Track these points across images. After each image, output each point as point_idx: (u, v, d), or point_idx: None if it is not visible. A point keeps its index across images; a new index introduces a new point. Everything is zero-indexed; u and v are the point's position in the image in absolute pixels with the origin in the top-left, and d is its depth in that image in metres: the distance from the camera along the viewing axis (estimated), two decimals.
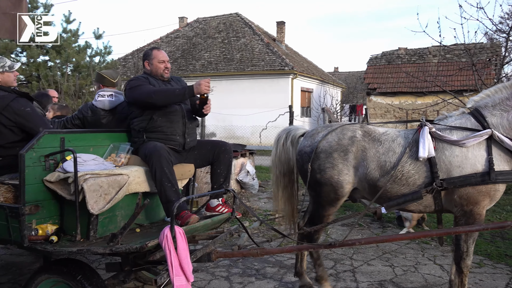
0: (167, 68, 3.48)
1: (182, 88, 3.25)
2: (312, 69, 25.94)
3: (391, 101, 17.94)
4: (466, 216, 3.24)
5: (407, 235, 3.23)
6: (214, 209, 3.53)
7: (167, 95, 3.23)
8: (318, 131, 3.69)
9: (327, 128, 3.67)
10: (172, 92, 3.24)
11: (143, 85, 3.29)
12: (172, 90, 3.27)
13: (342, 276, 4.30)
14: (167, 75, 3.48)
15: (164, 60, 3.46)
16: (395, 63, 19.30)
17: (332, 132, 3.56)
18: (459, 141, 3.18)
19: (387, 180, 3.29)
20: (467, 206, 3.21)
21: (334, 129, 3.59)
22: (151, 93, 3.22)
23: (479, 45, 11.75)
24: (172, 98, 3.25)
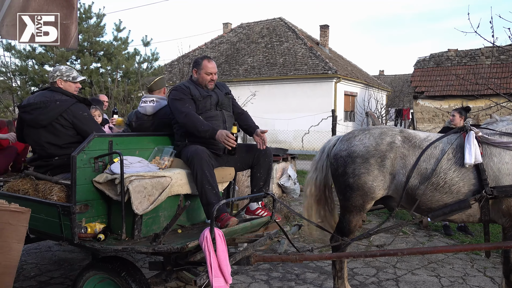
0: (212, 80, 3.54)
1: (207, 128, 3.25)
2: (356, 72, 25.47)
3: (439, 105, 17.22)
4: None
5: (454, 248, 3.08)
6: (253, 213, 3.56)
7: (192, 125, 3.28)
8: (355, 134, 3.59)
9: (364, 132, 3.57)
10: (197, 125, 3.26)
11: (182, 100, 3.38)
12: (199, 123, 3.28)
13: (384, 285, 4.19)
14: (211, 87, 3.55)
15: (212, 73, 3.53)
16: (444, 65, 18.52)
17: (370, 136, 3.46)
18: (509, 144, 3.00)
19: (427, 188, 3.18)
20: None
21: (372, 133, 3.50)
22: (183, 115, 3.31)
23: None
24: (194, 130, 3.29)
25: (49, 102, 3.32)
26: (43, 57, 13.00)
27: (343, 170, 3.50)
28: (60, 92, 3.43)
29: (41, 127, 3.31)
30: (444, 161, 3.17)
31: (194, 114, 3.33)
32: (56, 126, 3.29)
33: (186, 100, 3.40)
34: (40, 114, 3.29)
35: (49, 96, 3.39)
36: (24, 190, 3.27)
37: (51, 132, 3.31)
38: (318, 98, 20.47)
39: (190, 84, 3.53)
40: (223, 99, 3.60)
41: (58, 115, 3.28)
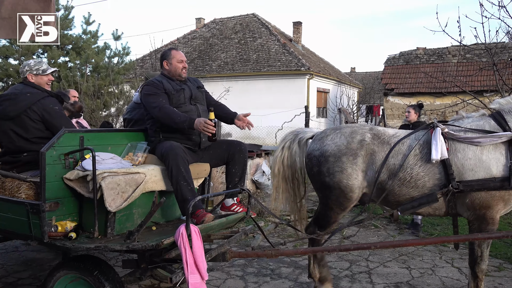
0: (185, 67, 3.53)
1: (184, 119, 3.21)
2: (329, 69, 25.78)
3: (409, 101, 17.64)
4: (479, 220, 3.17)
5: (425, 241, 3.18)
6: (229, 209, 3.55)
7: (168, 117, 3.24)
8: (327, 133, 3.63)
9: (336, 131, 3.62)
10: (174, 117, 3.22)
11: (155, 95, 3.33)
12: (175, 114, 3.24)
13: (357, 278, 4.27)
14: (184, 75, 3.53)
15: (183, 60, 3.52)
16: (413, 63, 19.02)
17: (341, 135, 3.51)
18: (473, 139, 3.11)
19: (395, 183, 3.26)
20: (480, 210, 3.15)
21: (343, 132, 3.55)
22: (156, 109, 3.26)
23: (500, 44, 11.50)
24: (171, 122, 3.25)
25: (20, 94, 3.27)
26: (7, 50, 12.49)
27: (318, 169, 3.53)
28: (32, 86, 3.38)
29: (9, 119, 3.22)
30: (411, 157, 3.26)
31: (168, 107, 3.29)
32: (25, 118, 3.20)
33: (159, 95, 3.34)
34: (9, 106, 3.22)
35: (20, 88, 3.35)
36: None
37: (19, 125, 3.22)
38: (291, 94, 20.59)
39: (163, 79, 3.48)
40: (196, 93, 3.58)
41: (27, 107, 3.20)
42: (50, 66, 3.56)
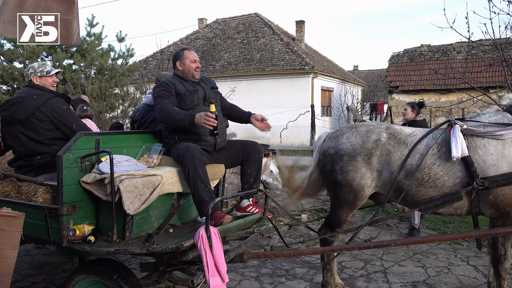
0: (198, 67, 3.50)
1: (184, 115, 3.16)
2: (332, 68, 25.72)
3: (414, 99, 17.59)
4: (503, 217, 3.13)
5: (446, 236, 3.14)
6: (245, 210, 3.52)
7: (168, 116, 3.19)
8: (343, 132, 3.61)
9: (351, 130, 3.59)
10: (174, 116, 3.18)
11: (162, 97, 3.28)
12: (175, 113, 3.19)
13: (373, 277, 4.24)
14: (198, 75, 3.49)
15: (196, 60, 3.49)
16: (417, 60, 18.95)
17: (357, 134, 3.48)
18: (494, 132, 3.08)
19: (412, 183, 3.22)
20: (504, 207, 3.10)
21: (359, 131, 3.52)
22: (158, 111, 3.23)
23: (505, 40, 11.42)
24: (172, 122, 3.22)
25: (26, 97, 3.26)
26: (12, 54, 12.50)
27: (331, 167, 3.52)
28: (37, 88, 3.38)
29: (18, 123, 3.22)
30: (428, 156, 3.22)
31: (168, 107, 3.22)
32: (34, 121, 3.20)
33: (167, 97, 3.29)
34: (16, 109, 3.21)
35: (26, 92, 3.35)
36: (5, 193, 3.13)
37: (29, 128, 3.21)
38: (295, 93, 20.56)
39: (175, 80, 3.45)
40: (210, 93, 3.54)
41: (35, 109, 3.19)
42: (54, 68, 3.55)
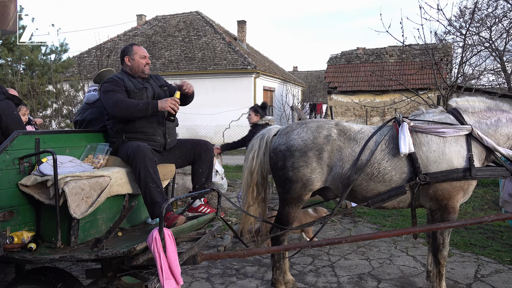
0: (148, 64, 3.37)
1: (145, 104, 3.08)
2: (274, 68, 26.11)
3: (351, 99, 18.41)
4: (441, 210, 3.35)
5: (394, 232, 3.29)
6: (196, 210, 3.45)
7: (127, 108, 3.07)
8: (293, 128, 3.65)
9: (302, 126, 3.65)
10: (133, 106, 3.08)
11: (113, 91, 3.14)
12: (133, 103, 3.09)
13: (322, 272, 4.35)
14: (147, 71, 3.37)
15: (145, 56, 3.36)
16: (354, 63, 19.83)
17: (308, 129, 3.55)
18: (438, 129, 3.28)
19: (363, 178, 3.35)
20: (442, 200, 3.32)
21: (310, 126, 3.59)
22: (113, 105, 3.08)
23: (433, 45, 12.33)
24: (133, 113, 3.10)
25: None
26: None
27: (282, 163, 3.55)
28: None
29: None
30: (378, 152, 3.36)
31: (124, 99, 3.11)
32: None
33: (118, 91, 3.15)
34: None
35: None
36: None
37: None
38: (238, 93, 20.61)
39: (124, 76, 3.30)
40: (159, 92, 3.43)
41: None
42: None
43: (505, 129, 3.38)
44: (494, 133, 3.34)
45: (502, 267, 4.41)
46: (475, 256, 4.76)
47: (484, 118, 3.42)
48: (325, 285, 4.02)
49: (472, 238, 5.42)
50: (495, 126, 3.38)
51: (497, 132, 3.35)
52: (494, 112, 3.46)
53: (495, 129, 3.37)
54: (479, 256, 4.74)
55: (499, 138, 3.35)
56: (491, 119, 3.41)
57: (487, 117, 3.43)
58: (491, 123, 3.39)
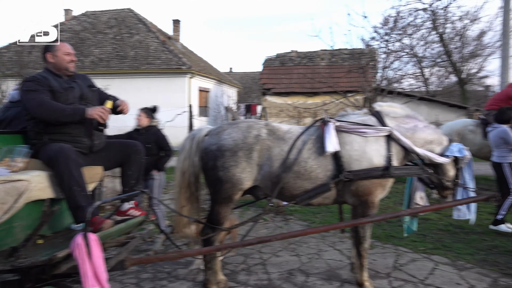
0: (73, 61, 3.23)
1: (72, 110, 2.99)
2: (209, 69, 26.02)
3: (284, 101, 18.91)
4: (362, 205, 3.59)
5: (320, 228, 3.48)
6: (125, 213, 3.37)
7: (53, 112, 2.96)
8: (224, 128, 3.71)
9: (232, 126, 3.72)
10: (60, 111, 2.96)
11: (36, 91, 2.98)
12: (60, 107, 2.98)
13: (253, 270, 4.45)
14: (72, 68, 3.22)
15: (70, 53, 3.22)
16: (288, 65, 20.38)
17: (238, 129, 3.62)
18: (360, 129, 3.52)
19: (290, 177, 3.49)
20: (363, 196, 3.57)
21: (240, 126, 3.66)
22: (37, 106, 2.94)
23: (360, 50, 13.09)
24: (59, 117, 2.99)
25: None
26: None
27: (213, 163, 3.58)
28: None
29: None
30: (305, 151, 3.53)
31: (50, 101, 2.97)
32: None
33: (41, 91, 3.00)
34: None
35: None
36: None
37: None
38: (172, 93, 20.26)
39: (48, 74, 3.13)
40: (87, 92, 3.31)
41: None
42: None
43: (422, 134, 3.72)
44: (411, 136, 3.66)
45: (417, 256, 4.81)
46: (395, 247, 5.14)
47: (403, 123, 3.74)
48: (256, 282, 4.12)
49: (392, 231, 5.84)
50: (412, 130, 3.71)
51: (414, 135, 3.68)
52: (412, 119, 3.80)
53: (412, 132, 3.69)
54: (398, 247, 5.13)
55: (416, 141, 3.68)
56: (409, 124, 3.74)
57: (406, 122, 3.75)
58: (409, 127, 3.72)
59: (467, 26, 16.17)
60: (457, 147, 3.73)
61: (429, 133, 3.76)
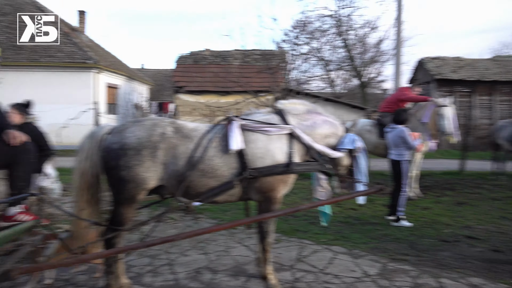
0: None
1: None
2: (118, 64, 24.81)
3: (197, 99, 18.78)
4: (266, 201, 3.73)
5: (223, 225, 3.52)
6: (10, 219, 3.08)
7: None
8: (127, 126, 3.58)
9: (136, 124, 3.61)
10: None
11: None
12: None
13: (160, 271, 4.36)
14: None
15: None
16: (201, 63, 20.26)
17: (142, 127, 3.52)
18: (263, 127, 3.64)
19: (196, 175, 3.48)
20: (267, 192, 3.70)
21: (145, 124, 3.57)
22: None
23: (272, 51, 13.53)
24: None
25: None
26: None
27: (115, 163, 3.43)
28: None
29: None
30: (210, 149, 3.55)
31: None
32: None
33: None
34: None
35: None
36: None
37: None
38: (77, 89, 18.98)
39: None
40: None
41: None
42: None
43: (320, 130, 3.95)
44: (311, 132, 3.87)
45: (318, 247, 5.12)
46: (299, 240, 5.40)
47: (304, 120, 3.93)
48: (163, 283, 4.04)
49: (297, 225, 6.14)
50: (312, 127, 3.92)
51: (313, 132, 3.89)
52: (312, 115, 4.01)
53: (312, 129, 3.91)
54: (302, 240, 5.41)
55: (315, 137, 3.89)
56: (309, 121, 3.95)
57: (306, 119, 3.95)
58: (309, 125, 3.93)
59: (368, 34, 17.60)
60: (349, 138, 4.02)
61: (326, 128, 4.00)
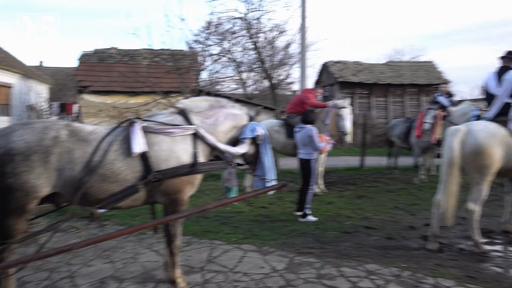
0: None
1: None
2: (11, 60, 22.45)
3: (104, 100, 17.79)
4: (172, 203, 3.65)
5: (125, 230, 3.35)
6: None
7: None
8: (14, 129, 3.24)
9: (25, 126, 3.27)
10: None
11: None
12: None
13: (59, 285, 4.03)
14: None
15: None
16: (107, 62, 19.22)
17: (32, 130, 3.22)
18: (166, 129, 3.54)
19: (95, 180, 3.27)
20: (173, 194, 3.63)
21: (35, 127, 3.26)
22: None
23: (182, 52, 13.30)
24: None
25: None
26: None
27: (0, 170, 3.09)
28: None
29: None
30: (111, 153, 3.36)
31: None
32: None
33: None
34: None
35: None
36: None
37: None
38: None
39: None
40: None
41: None
42: None
43: (222, 127, 3.92)
44: (214, 131, 3.85)
45: (229, 247, 5.16)
46: (210, 241, 5.38)
47: (206, 118, 3.88)
48: None
49: (209, 226, 6.12)
50: (214, 125, 3.88)
51: (216, 131, 3.87)
52: (215, 110, 3.95)
53: (214, 127, 3.88)
54: (213, 241, 5.40)
55: (219, 135, 3.89)
56: (212, 118, 3.90)
57: (209, 116, 3.89)
58: (211, 123, 3.87)
59: (276, 37, 18.16)
60: (250, 127, 4.04)
61: (228, 123, 3.96)
